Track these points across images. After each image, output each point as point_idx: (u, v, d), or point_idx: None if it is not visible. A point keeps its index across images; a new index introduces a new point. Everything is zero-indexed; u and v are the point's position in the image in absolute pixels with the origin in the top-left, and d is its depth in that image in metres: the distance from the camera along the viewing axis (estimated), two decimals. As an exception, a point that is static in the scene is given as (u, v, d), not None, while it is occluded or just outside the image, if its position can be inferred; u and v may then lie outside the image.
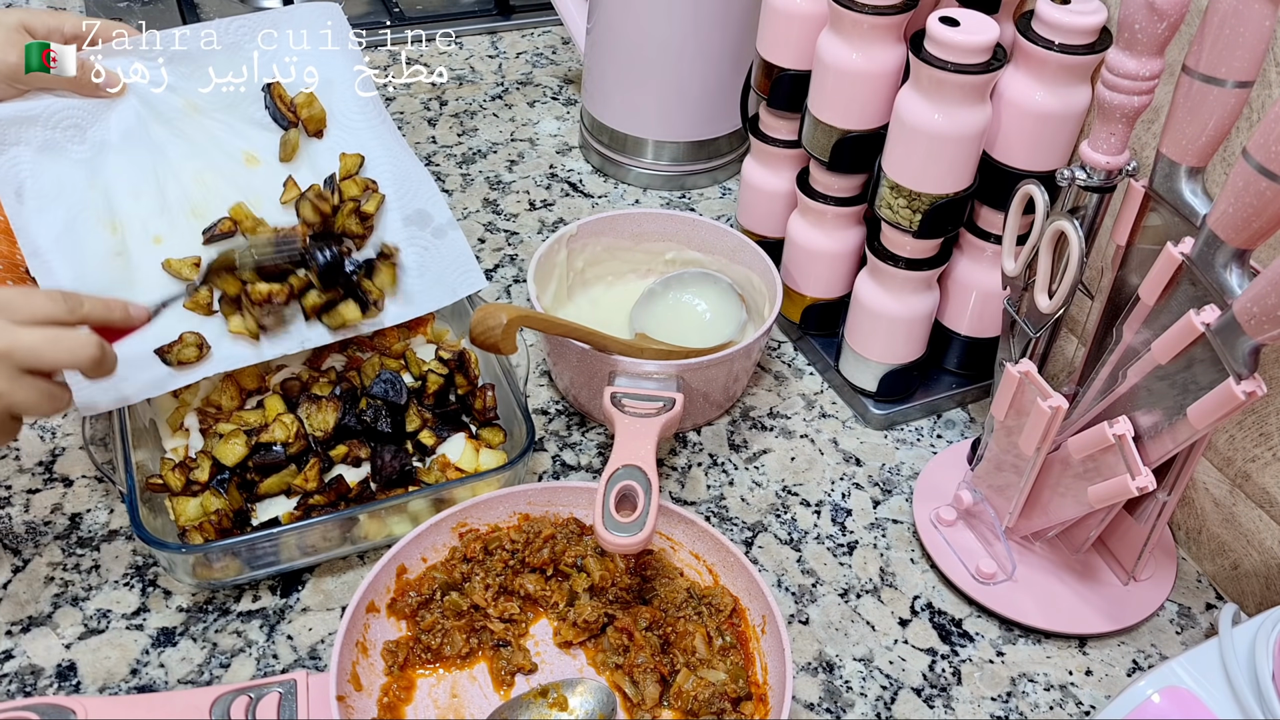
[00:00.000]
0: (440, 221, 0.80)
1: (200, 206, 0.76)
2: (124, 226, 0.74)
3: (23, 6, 1.30)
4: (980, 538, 0.77)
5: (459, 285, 0.79)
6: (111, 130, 0.76)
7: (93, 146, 0.75)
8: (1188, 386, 0.59)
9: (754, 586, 0.68)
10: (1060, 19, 0.69)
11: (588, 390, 0.84)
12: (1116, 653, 0.73)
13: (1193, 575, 0.78)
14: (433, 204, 0.80)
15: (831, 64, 0.80)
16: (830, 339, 0.92)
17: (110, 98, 0.76)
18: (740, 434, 0.87)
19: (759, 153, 0.95)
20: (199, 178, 0.77)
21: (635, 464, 0.69)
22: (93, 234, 0.73)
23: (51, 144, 0.74)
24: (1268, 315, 0.53)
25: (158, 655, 0.69)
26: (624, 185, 1.12)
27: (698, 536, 0.72)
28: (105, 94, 0.75)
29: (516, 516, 0.74)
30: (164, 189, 0.76)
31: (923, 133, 0.74)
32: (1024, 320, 0.72)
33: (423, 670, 0.68)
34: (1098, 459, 0.65)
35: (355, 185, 0.79)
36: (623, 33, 1.04)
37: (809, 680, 0.70)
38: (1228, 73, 0.56)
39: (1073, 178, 0.66)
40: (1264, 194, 0.53)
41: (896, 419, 0.88)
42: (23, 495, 0.77)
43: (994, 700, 0.70)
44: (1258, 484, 0.72)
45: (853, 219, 0.88)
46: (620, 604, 0.70)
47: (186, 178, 0.77)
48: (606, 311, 0.91)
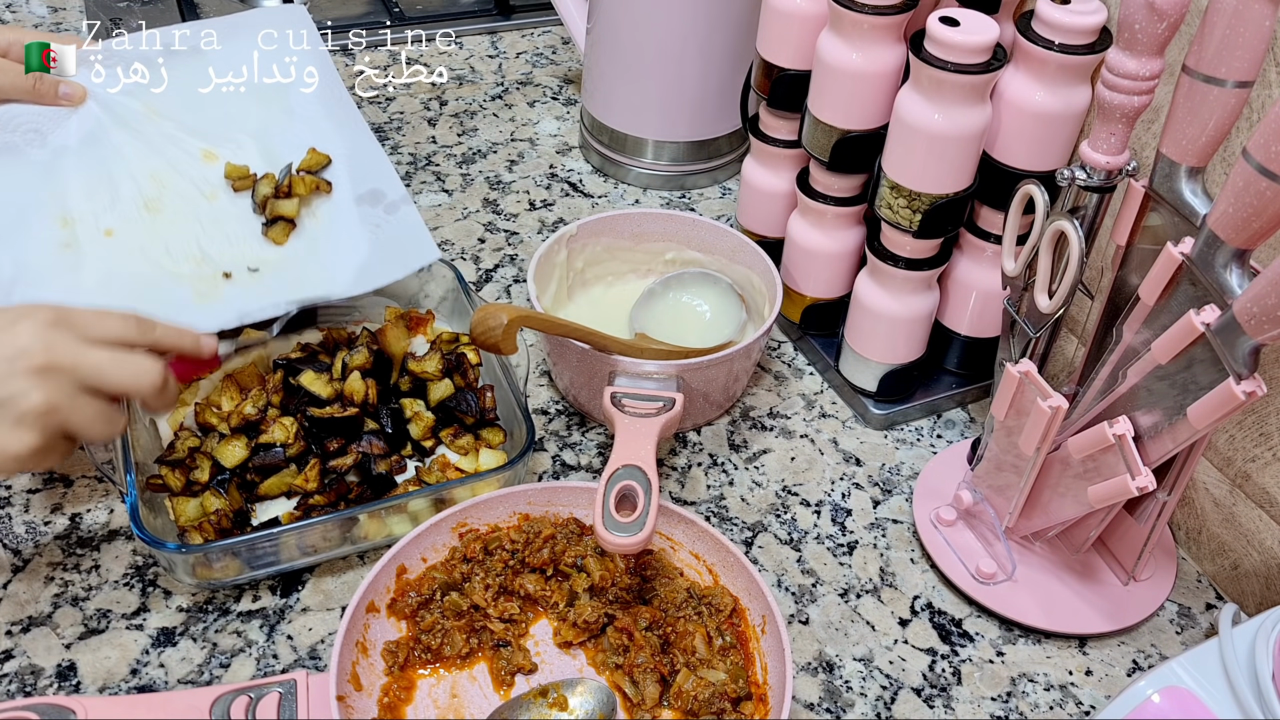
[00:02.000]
0: (393, 198, 0.82)
1: (154, 201, 0.78)
2: (75, 221, 0.76)
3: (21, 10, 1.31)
4: (980, 538, 0.77)
5: (413, 259, 0.80)
6: (71, 135, 0.78)
7: (52, 150, 0.77)
8: (1188, 386, 0.59)
9: (754, 586, 0.68)
10: (1060, 19, 0.69)
11: (588, 390, 0.84)
12: (1116, 653, 0.73)
13: (1193, 575, 0.78)
14: (386, 181, 0.82)
15: (831, 64, 0.80)
16: (830, 339, 0.92)
17: (71, 107, 0.79)
18: (740, 434, 0.87)
19: (759, 153, 0.95)
20: (155, 175, 0.79)
21: (635, 464, 0.69)
22: (43, 226, 0.75)
23: (10, 147, 0.76)
24: (1268, 315, 0.53)
25: (158, 655, 0.69)
26: (624, 185, 1.12)
27: (698, 536, 0.72)
28: (67, 104, 0.79)
29: (516, 516, 0.74)
30: (118, 186, 0.78)
31: (923, 133, 0.74)
32: (1024, 320, 0.72)
33: (423, 670, 0.68)
34: (1098, 459, 0.65)
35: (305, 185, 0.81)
36: (623, 33, 1.04)
37: (809, 680, 0.70)
38: (1228, 73, 0.56)
39: (1073, 178, 0.66)
40: (1264, 194, 0.53)
41: (896, 419, 0.88)
42: (23, 495, 0.77)
43: (994, 700, 0.70)
44: (1258, 484, 0.72)
45: (853, 219, 0.88)
46: (620, 604, 0.70)
47: (142, 175, 0.79)
48: (606, 311, 0.91)
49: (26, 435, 0.58)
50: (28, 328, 0.59)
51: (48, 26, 1.28)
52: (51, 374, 0.58)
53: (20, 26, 0.76)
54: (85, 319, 0.61)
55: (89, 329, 0.61)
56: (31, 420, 0.58)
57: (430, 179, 1.10)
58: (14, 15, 1.29)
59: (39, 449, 0.59)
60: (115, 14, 1.28)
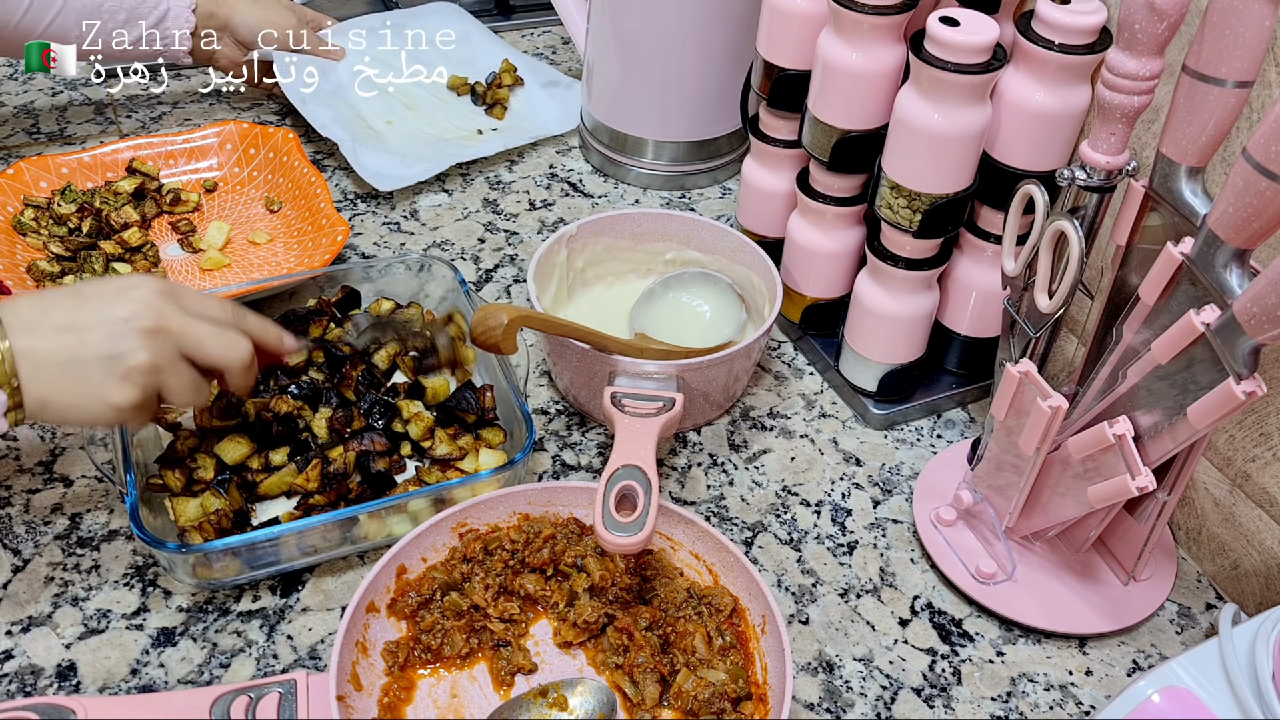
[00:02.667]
0: (564, 83, 1.22)
1: (412, 103, 1.18)
2: (367, 118, 1.14)
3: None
4: (980, 538, 0.77)
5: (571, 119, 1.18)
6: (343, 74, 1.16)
7: (335, 85, 1.15)
8: (1188, 386, 0.59)
9: (754, 586, 0.68)
10: (1060, 19, 0.69)
11: (588, 390, 0.84)
12: (1116, 653, 0.73)
13: (1193, 575, 0.78)
14: (554, 75, 1.23)
15: (831, 64, 0.80)
16: (830, 339, 0.92)
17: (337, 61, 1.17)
18: (740, 434, 0.87)
19: (759, 153, 0.95)
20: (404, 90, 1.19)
21: (635, 464, 0.69)
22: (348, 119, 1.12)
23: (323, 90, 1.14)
24: (1268, 315, 0.53)
25: (158, 655, 0.69)
26: (624, 185, 1.12)
27: (698, 536, 0.72)
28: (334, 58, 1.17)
29: (516, 516, 0.74)
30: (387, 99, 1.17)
31: (923, 133, 0.74)
32: (1024, 320, 0.72)
33: (423, 670, 0.68)
34: (1098, 459, 0.65)
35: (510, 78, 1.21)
36: (623, 33, 1.04)
37: (809, 680, 0.70)
38: (1227, 72, 0.56)
39: (1073, 178, 0.66)
40: (1264, 194, 0.53)
41: (896, 419, 0.88)
42: (23, 495, 0.77)
43: (994, 700, 0.70)
44: (1258, 484, 0.72)
45: (853, 219, 0.88)
46: (620, 604, 0.70)
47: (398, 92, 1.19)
48: (606, 311, 0.91)
49: (129, 390, 0.63)
50: (141, 294, 0.65)
51: (48, 26, 1.29)
52: (159, 336, 0.64)
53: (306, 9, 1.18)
54: (190, 296, 0.67)
55: (193, 305, 0.67)
56: (137, 376, 0.63)
57: (430, 179, 1.10)
58: (14, 15, 1.30)
59: (137, 404, 0.64)
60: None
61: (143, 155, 1.04)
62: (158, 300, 0.65)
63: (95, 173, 1.02)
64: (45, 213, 0.97)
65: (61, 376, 0.63)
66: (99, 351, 0.63)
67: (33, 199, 0.98)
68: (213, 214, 1.03)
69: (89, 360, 0.63)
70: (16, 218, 0.96)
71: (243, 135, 1.06)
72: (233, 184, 1.06)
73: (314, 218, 0.99)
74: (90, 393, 0.63)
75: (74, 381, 0.63)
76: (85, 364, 0.63)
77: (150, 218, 1.00)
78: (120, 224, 0.96)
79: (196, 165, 1.06)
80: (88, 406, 0.63)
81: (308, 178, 1.01)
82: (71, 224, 0.96)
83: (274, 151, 1.05)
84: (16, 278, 0.90)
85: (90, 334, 0.63)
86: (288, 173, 1.04)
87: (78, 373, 0.63)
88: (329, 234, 0.95)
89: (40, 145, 1.11)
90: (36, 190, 0.99)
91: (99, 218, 0.96)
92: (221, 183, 1.05)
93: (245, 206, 1.04)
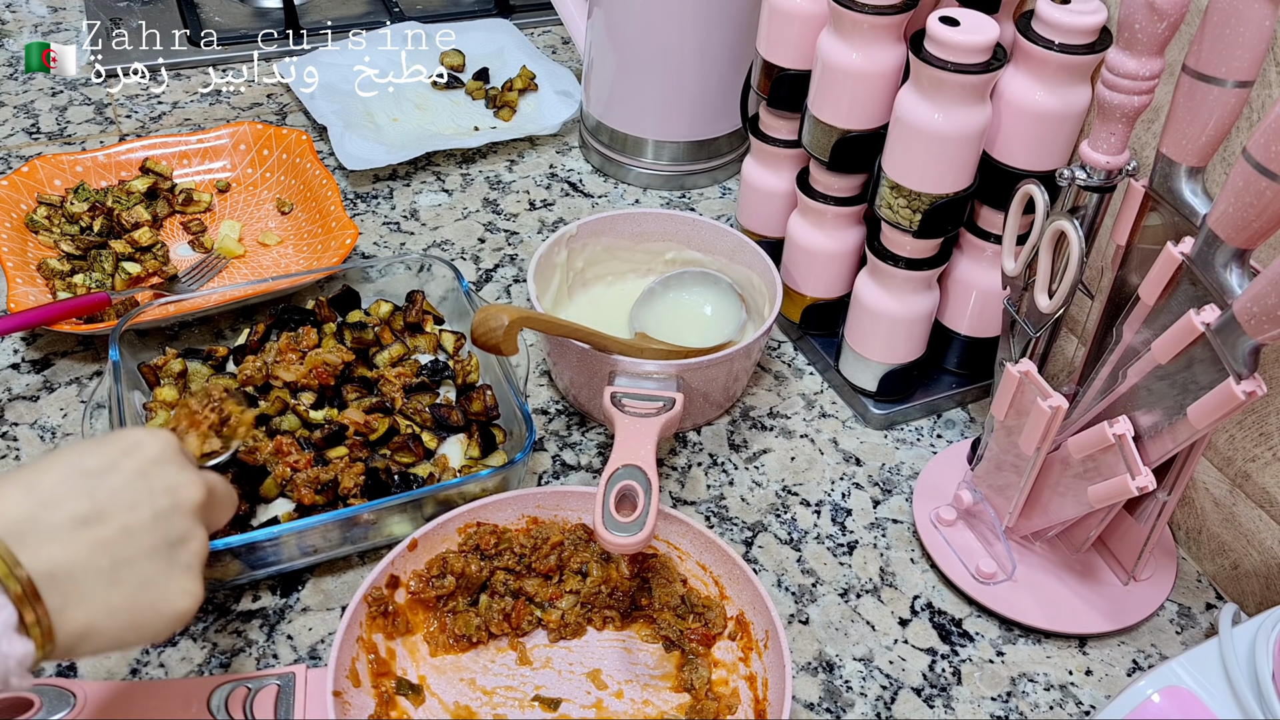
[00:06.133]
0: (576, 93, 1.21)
1: (423, 102, 1.20)
2: (375, 114, 1.16)
3: (21, 10, 1.31)
4: (980, 538, 0.77)
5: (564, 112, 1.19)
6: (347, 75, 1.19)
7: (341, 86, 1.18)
8: (1188, 386, 0.59)
9: (759, 601, 0.67)
10: (1060, 19, 0.69)
11: (588, 390, 0.84)
12: (1116, 653, 0.73)
13: (1193, 575, 0.78)
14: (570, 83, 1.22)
15: (831, 64, 0.80)
16: (830, 339, 0.92)
17: None
18: (740, 434, 0.87)
19: (759, 153, 0.95)
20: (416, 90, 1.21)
21: (635, 464, 0.69)
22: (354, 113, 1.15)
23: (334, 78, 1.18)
24: (1268, 315, 0.53)
25: (157, 655, 0.69)
26: (624, 185, 1.12)
27: (705, 547, 0.71)
28: None
29: (524, 519, 0.73)
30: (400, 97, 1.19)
31: (923, 133, 0.74)
32: (1024, 320, 0.72)
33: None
34: (1098, 459, 0.65)
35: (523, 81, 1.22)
36: (623, 33, 1.04)
37: (809, 680, 0.70)
38: (1227, 72, 0.56)
39: (1073, 177, 0.66)
40: (1264, 194, 0.53)
41: (896, 419, 0.88)
42: (23, 495, 0.77)
43: (994, 700, 0.70)
44: (1258, 484, 0.72)
45: (853, 219, 0.88)
46: (619, 608, 0.70)
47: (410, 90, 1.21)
48: (606, 311, 0.91)
49: (196, 585, 0.50)
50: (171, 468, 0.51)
51: (48, 26, 1.29)
52: (203, 514, 0.52)
53: None
54: (189, 450, 0.56)
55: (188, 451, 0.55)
56: (199, 566, 0.51)
57: (430, 179, 1.10)
58: (14, 15, 1.30)
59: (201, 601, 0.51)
60: (115, 14, 1.28)
61: (156, 155, 1.04)
62: (178, 455, 0.51)
63: (110, 172, 1.02)
64: (58, 211, 0.97)
65: (111, 590, 0.46)
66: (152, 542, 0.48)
67: (46, 197, 0.98)
68: (224, 215, 1.03)
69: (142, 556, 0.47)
70: (30, 215, 0.96)
71: (256, 136, 1.06)
72: (245, 185, 1.05)
73: (324, 220, 0.98)
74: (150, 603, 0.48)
75: (131, 592, 0.47)
76: (139, 563, 0.47)
77: (162, 217, 1.00)
78: (131, 223, 0.96)
79: (210, 165, 1.06)
80: (149, 623, 0.48)
81: (319, 180, 1.01)
82: (83, 223, 0.96)
83: (287, 153, 1.05)
84: (27, 276, 0.90)
85: (130, 516, 0.48)
86: (300, 174, 1.04)
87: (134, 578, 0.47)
88: (338, 237, 0.95)
89: (40, 145, 1.11)
90: (50, 188, 0.99)
91: (110, 217, 0.96)
92: (234, 183, 1.05)
93: (257, 207, 1.04)
